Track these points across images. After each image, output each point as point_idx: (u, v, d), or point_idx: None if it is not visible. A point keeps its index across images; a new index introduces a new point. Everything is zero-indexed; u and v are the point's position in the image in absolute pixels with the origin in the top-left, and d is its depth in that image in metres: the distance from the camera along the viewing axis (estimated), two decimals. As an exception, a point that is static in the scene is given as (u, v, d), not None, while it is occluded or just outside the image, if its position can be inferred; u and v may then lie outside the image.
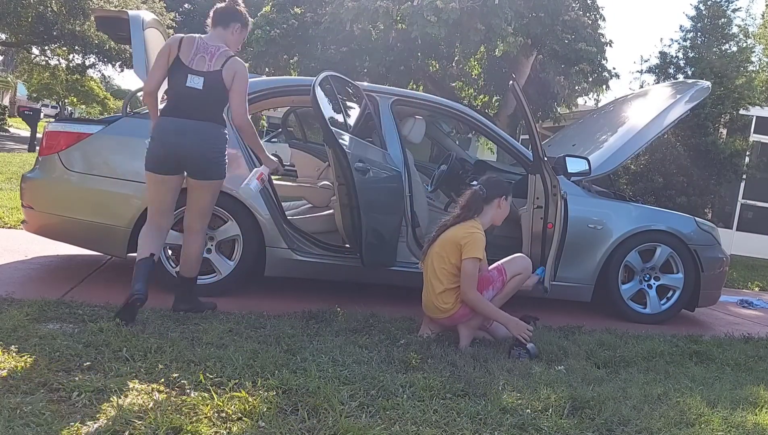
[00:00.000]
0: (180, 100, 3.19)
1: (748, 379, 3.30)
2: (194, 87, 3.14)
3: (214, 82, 3.16)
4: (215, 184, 3.29)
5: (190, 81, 3.15)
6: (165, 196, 3.24)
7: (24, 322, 2.81)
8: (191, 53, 3.17)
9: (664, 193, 9.00)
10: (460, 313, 3.25)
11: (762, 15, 19.25)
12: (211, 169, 3.22)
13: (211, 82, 3.16)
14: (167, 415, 2.05)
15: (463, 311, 3.25)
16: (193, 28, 21.12)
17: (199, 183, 3.24)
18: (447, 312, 3.26)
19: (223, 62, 3.19)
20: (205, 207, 3.32)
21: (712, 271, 4.67)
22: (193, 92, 3.14)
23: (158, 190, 3.24)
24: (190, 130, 3.14)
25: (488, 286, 3.32)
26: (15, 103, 38.94)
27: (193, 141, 3.14)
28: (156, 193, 3.25)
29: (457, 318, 3.27)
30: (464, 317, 3.27)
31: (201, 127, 3.16)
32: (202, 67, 3.17)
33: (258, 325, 3.24)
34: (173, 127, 3.16)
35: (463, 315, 3.26)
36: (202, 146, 3.16)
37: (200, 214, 3.33)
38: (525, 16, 8.62)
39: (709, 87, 5.23)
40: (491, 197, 3.35)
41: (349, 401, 2.32)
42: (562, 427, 2.32)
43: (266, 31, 9.97)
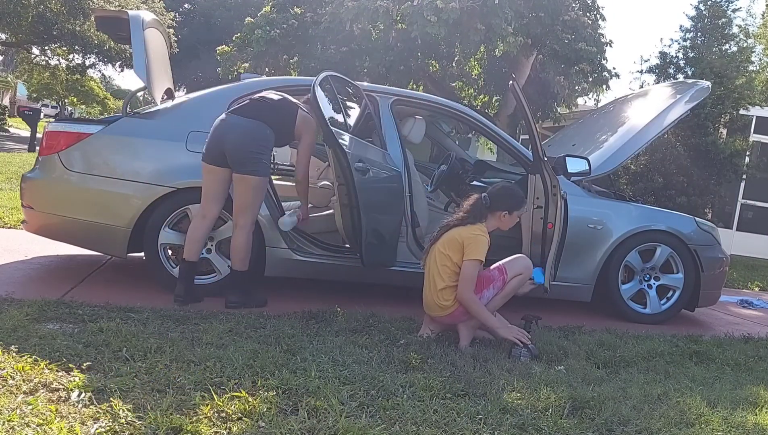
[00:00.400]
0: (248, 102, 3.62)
1: (748, 379, 3.30)
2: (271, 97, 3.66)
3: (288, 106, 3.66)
4: (251, 181, 3.50)
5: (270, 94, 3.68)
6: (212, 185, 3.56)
7: (24, 322, 2.81)
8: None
9: (664, 193, 9.00)
10: (459, 311, 3.25)
11: (762, 15, 19.26)
12: (247, 164, 3.48)
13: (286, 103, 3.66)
14: (167, 415, 2.05)
15: (462, 310, 3.25)
16: (193, 28, 21.05)
17: (237, 176, 3.51)
18: (447, 309, 3.26)
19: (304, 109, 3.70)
20: (243, 201, 3.54)
21: (712, 271, 4.66)
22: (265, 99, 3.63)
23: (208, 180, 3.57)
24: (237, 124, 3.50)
25: (489, 284, 3.31)
26: (15, 103, 38.95)
27: (235, 135, 3.47)
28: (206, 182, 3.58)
29: (456, 316, 3.27)
30: (464, 316, 3.27)
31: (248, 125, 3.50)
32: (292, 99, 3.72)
33: (258, 325, 3.24)
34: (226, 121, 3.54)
35: (462, 313, 3.26)
36: (242, 140, 3.47)
37: (239, 208, 3.56)
38: (525, 15, 8.63)
39: (709, 87, 5.23)
40: (494, 208, 3.33)
41: (349, 401, 2.32)
42: (562, 427, 2.32)
43: (266, 31, 9.98)
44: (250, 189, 3.51)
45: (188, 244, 3.59)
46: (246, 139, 3.48)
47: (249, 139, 3.48)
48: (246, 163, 3.48)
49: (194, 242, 3.59)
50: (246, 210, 3.55)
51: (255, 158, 3.49)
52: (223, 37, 15.80)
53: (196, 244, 3.59)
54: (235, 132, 3.47)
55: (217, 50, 11.59)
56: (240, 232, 3.56)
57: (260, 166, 3.52)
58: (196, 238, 3.59)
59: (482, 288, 3.29)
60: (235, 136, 3.46)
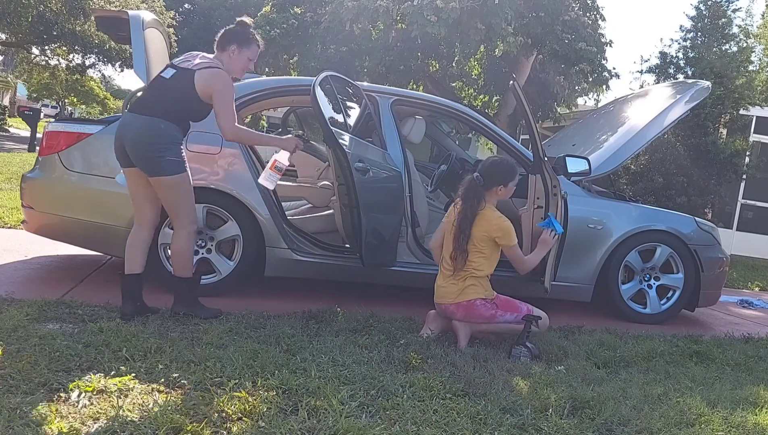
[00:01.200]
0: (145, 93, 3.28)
1: (748, 379, 3.30)
2: (164, 76, 3.20)
3: (182, 79, 3.15)
4: (163, 182, 3.15)
5: (165, 72, 3.22)
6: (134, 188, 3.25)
7: (24, 322, 2.81)
8: (183, 58, 3.29)
9: (664, 193, 9.00)
10: (476, 302, 3.28)
11: (762, 15, 19.26)
12: (150, 165, 3.13)
13: (179, 77, 3.16)
14: (167, 415, 2.05)
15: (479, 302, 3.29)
16: (193, 28, 21.09)
17: (151, 179, 3.17)
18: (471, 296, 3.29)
19: (201, 67, 3.18)
20: (168, 204, 3.23)
21: (712, 271, 4.66)
22: (159, 81, 3.21)
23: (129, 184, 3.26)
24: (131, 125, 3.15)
25: (513, 311, 3.36)
26: (15, 103, 38.95)
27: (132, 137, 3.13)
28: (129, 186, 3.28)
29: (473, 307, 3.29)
30: (477, 310, 3.28)
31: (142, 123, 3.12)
32: (182, 64, 3.22)
33: (258, 325, 3.24)
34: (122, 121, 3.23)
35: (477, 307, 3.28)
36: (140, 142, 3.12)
37: (171, 212, 3.27)
38: (525, 15, 8.63)
39: (709, 87, 5.23)
40: (489, 185, 3.37)
41: (349, 401, 2.32)
42: (562, 427, 2.32)
43: (266, 31, 9.97)
44: (167, 190, 3.17)
45: (127, 254, 3.24)
46: (141, 140, 3.11)
47: (144, 140, 3.10)
48: (150, 165, 3.12)
49: (133, 252, 3.23)
50: (176, 212, 3.24)
51: (157, 158, 3.10)
52: (223, 37, 15.77)
53: (136, 253, 3.23)
54: (130, 134, 3.13)
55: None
56: (177, 235, 3.26)
57: (165, 164, 3.11)
58: (133, 246, 3.24)
59: (507, 310, 3.35)
60: (131, 138, 3.12)
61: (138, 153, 3.13)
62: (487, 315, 3.31)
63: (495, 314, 3.32)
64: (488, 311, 3.31)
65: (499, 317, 3.33)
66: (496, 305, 3.34)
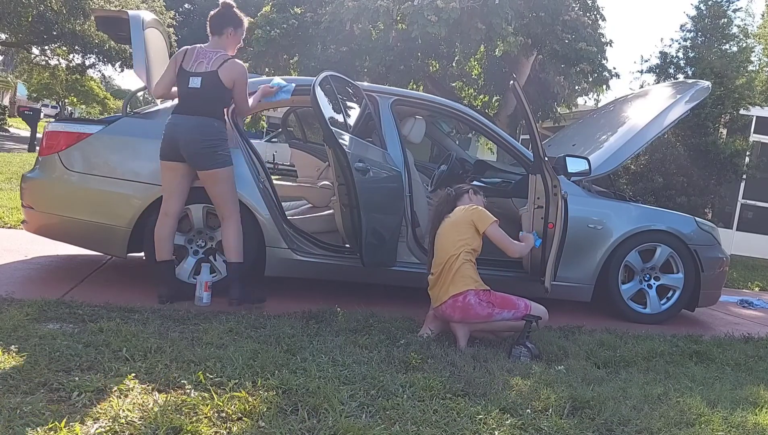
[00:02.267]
0: (184, 100, 3.58)
1: (748, 379, 3.30)
2: (194, 87, 3.52)
3: (210, 82, 3.52)
4: (214, 174, 3.54)
5: (191, 82, 3.53)
6: (171, 181, 3.57)
7: (24, 322, 2.81)
8: (192, 60, 3.57)
9: (664, 193, 9.00)
10: (471, 301, 3.28)
11: (762, 15, 19.26)
12: (205, 160, 3.51)
13: (208, 81, 3.52)
14: (167, 415, 2.05)
15: (474, 301, 3.28)
16: (193, 28, 21.07)
17: (201, 173, 3.56)
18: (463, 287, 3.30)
19: (220, 63, 3.55)
20: (218, 195, 3.59)
21: (712, 271, 4.66)
22: (193, 91, 3.53)
23: (166, 177, 3.59)
24: (188, 124, 3.51)
25: (510, 308, 3.36)
26: (15, 103, 38.94)
27: (189, 134, 3.49)
28: (165, 179, 3.60)
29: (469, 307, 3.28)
30: (473, 309, 3.28)
31: (195, 122, 3.51)
32: (201, 69, 3.55)
33: (258, 325, 3.24)
34: (177, 123, 3.54)
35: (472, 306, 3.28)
36: (197, 138, 3.49)
37: (219, 203, 3.61)
38: (525, 15, 8.63)
39: (709, 87, 5.22)
40: (459, 195, 3.57)
41: (349, 401, 2.32)
42: (562, 427, 2.32)
43: (266, 31, 9.97)
44: (219, 182, 3.56)
45: (157, 244, 3.58)
46: (196, 137, 3.49)
47: (198, 137, 3.49)
48: (205, 160, 3.52)
49: (162, 241, 3.58)
50: (225, 202, 3.61)
51: (212, 152, 3.52)
52: (223, 37, 15.77)
53: (165, 242, 3.59)
54: (184, 132, 3.50)
55: (217, 50, 11.57)
56: (228, 224, 3.62)
57: (218, 157, 3.54)
58: (162, 236, 3.58)
59: (504, 307, 3.35)
60: (185, 136, 3.49)
61: (192, 149, 3.49)
62: (483, 314, 3.30)
63: (492, 313, 3.31)
64: (485, 310, 3.30)
65: (496, 315, 3.32)
66: (492, 304, 3.32)
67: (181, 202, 3.62)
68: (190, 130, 3.49)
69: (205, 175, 3.55)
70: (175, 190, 3.58)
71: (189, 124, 3.51)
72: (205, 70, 3.53)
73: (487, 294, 3.35)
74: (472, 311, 3.29)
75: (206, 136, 3.51)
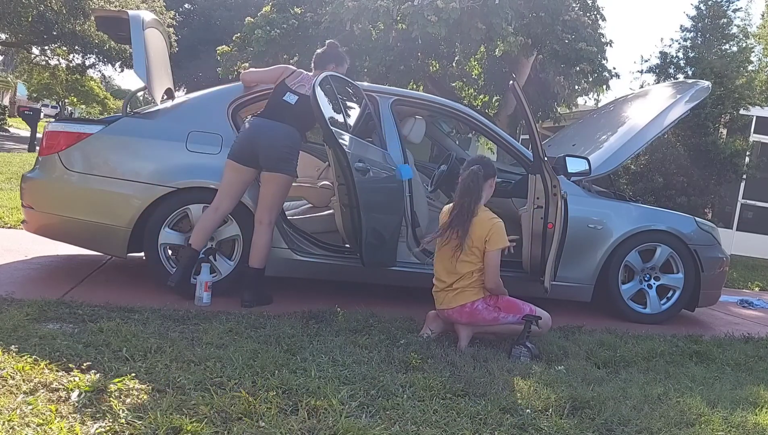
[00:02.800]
0: (273, 107, 3.78)
1: (748, 379, 3.30)
2: (288, 101, 3.76)
3: (305, 104, 3.66)
4: (281, 179, 3.68)
5: (287, 96, 3.77)
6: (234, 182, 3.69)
7: (24, 322, 2.81)
8: (296, 81, 3.84)
9: (664, 193, 9.00)
10: (479, 306, 3.28)
11: (762, 15, 19.27)
12: (280, 164, 3.66)
13: (302, 102, 3.72)
14: (167, 415, 2.05)
15: (476, 308, 3.28)
16: (193, 28, 21.02)
17: (268, 175, 3.67)
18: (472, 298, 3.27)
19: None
20: (269, 198, 3.69)
21: (712, 271, 4.66)
22: (286, 104, 3.76)
23: (230, 177, 3.69)
24: (270, 126, 3.68)
25: (517, 313, 3.34)
26: (15, 103, 38.94)
27: (269, 137, 3.65)
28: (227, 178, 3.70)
29: (476, 312, 3.27)
30: (480, 314, 3.27)
31: (279, 127, 3.67)
32: (301, 90, 3.79)
33: (258, 325, 3.24)
34: (258, 124, 3.72)
35: (480, 311, 3.27)
36: (276, 142, 3.65)
37: (266, 206, 3.70)
38: (525, 15, 8.62)
39: (709, 87, 5.22)
40: (488, 176, 3.42)
41: (349, 401, 2.32)
42: (562, 427, 2.32)
43: (266, 31, 9.96)
44: (279, 187, 3.69)
45: (196, 232, 3.67)
46: (279, 140, 3.65)
47: (281, 141, 3.65)
48: (280, 164, 3.66)
49: (202, 231, 3.68)
50: (272, 208, 3.71)
51: (287, 158, 3.68)
52: (223, 37, 15.80)
53: (204, 233, 3.68)
54: (269, 133, 3.66)
55: (217, 50, 11.58)
56: (265, 230, 3.70)
57: (290, 165, 3.71)
58: (204, 227, 3.68)
59: (510, 311, 3.34)
60: (269, 137, 3.65)
61: (271, 152, 3.64)
62: (490, 318, 3.31)
63: (498, 317, 3.32)
64: (491, 314, 3.31)
65: (502, 319, 3.33)
66: (498, 308, 3.33)
67: (234, 204, 3.73)
68: (274, 133, 3.65)
69: (269, 176, 3.66)
70: (234, 193, 3.71)
71: (274, 127, 3.66)
72: (304, 93, 3.73)
73: (494, 299, 3.35)
74: (480, 316, 3.30)
75: (287, 143, 3.68)
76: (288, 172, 3.71)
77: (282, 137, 3.67)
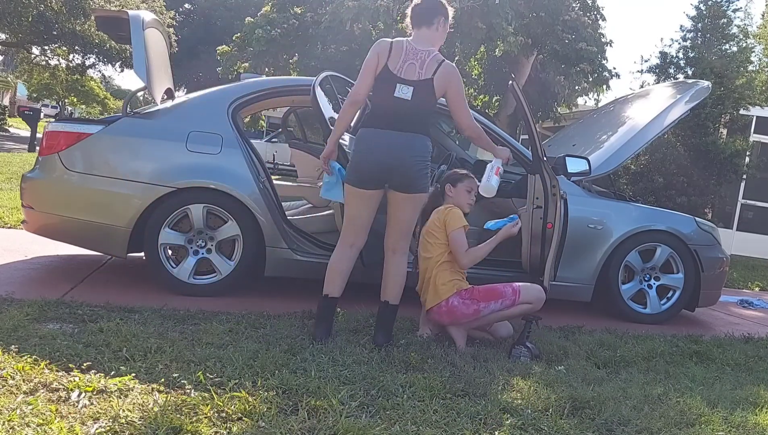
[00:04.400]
0: (387, 111, 3.02)
1: (748, 379, 3.30)
2: (403, 97, 2.97)
3: (424, 92, 2.99)
4: (420, 198, 3.13)
5: (398, 91, 2.98)
6: (363, 211, 3.11)
7: (24, 322, 2.81)
8: (400, 60, 2.99)
9: (664, 193, 9.00)
10: (454, 303, 3.24)
11: (762, 15, 19.27)
12: (418, 182, 3.04)
13: (420, 91, 2.99)
14: (167, 415, 2.05)
15: (455, 306, 3.24)
16: (193, 28, 21.07)
17: (404, 196, 3.06)
18: (445, 294, 3.24)
19: (434, 69, 3.01)
20: (406, 222, 3.13)
21: (712, 271, 4.66)
22: (400, 102, 2.98)
23: (357, 206, 3.10)
24: (398, 143, 2.99)
25: (498, 298, 3.28)
26: (15, 103, 38.94)
27: (401, 154, 2.99)
28: (355, 208, 3.11)
29: (453, 309, 3.25)
30: (458, 310, 3.24)
31: (409, 140, 3.00)
32: (412, 75, 2.99)
33: (258, 325, 3.24)
34: (381, 141, 3.01)
35: (457, 307, 3.24)
36: (410, 159, 3.00)
37: (404, 232, 3.15)
38: (525, 15, 8.63)
39: (709, 87, 5.22)
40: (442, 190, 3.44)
41: (349, 401, 2.32)
42: (562, 427, 2.32)
43: (266, 31, 9.98)
44: (417, 208, 3.15)
45: (330, 276, 3.11)
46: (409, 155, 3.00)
47: (413, 156, 3.01)
48: (413, 183, 3.03)
49: (338, 275, 3.11)
50: (409, 232, 3.17)
51: (424, 174, 3.05)
52: (223, 37, 15.82)
53: (341, 276, 3.12)
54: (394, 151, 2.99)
55: (217, 50, 11.60)
56: (400, 260, 3.14)
57: (426, 181, 3.10)
58: (340, 269, 3.12)
59: (490, 299, 3.27)
60: (397, 156, 2.99)
61: (404, 171, 3.00)
62: (470, 312, 3.25)
63: (478, 309, 3.26)
64: (470, 308, 3.25)
65: (483, 310, 3.26)
66: (476, 299, 3.26)
67: (367, 232, 3.16)
68: (401, 149, 2.98)
69: (404, 197, 3.05)
70: (366, 222, 3.12)
71: (398, 143, 2.98)
72: (418, 78, 2.97)
73: (469, 291, 3.28)
74: (459, 312, 3.26)
75: (420, 156, 3.01)
76: (424, 189, 3.10)
77: (411, 151, 2.99)
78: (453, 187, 3.41)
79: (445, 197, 3.41)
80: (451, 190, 3.41)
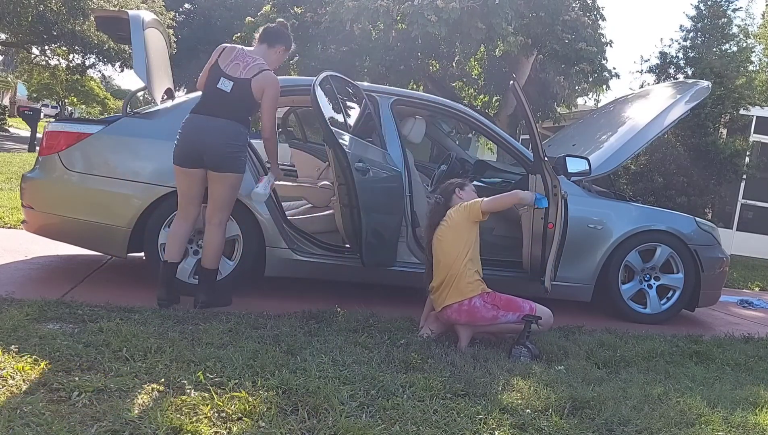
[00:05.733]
0: (210, 99, 3.48)
1: (748, 379, 3.30)
2: (223, 89, 3.43)
3: (241, 89, 3.43)
4: (231, 178, 3.47)
5: (221, 83, 3.44)
6: (188, 187, 3.48)
7: (24, 322, 2.81)
8: (228, 60, 3.48)
9: (664, 193, 9.00)
10: (476, 304, 3.27)
11: (762, 15, 19.27)
12: (229, 163, 3.42)
13: (238, 88, 3.43)
14: (167, 415, 2.05)
15: (473, 307, 3.26)
16: (193, 28, 21.06)
17: (217, 175, 3.43)
18: (469, 293, 3.27)
19: (255, 73, 3.45)
20: (220, 199, 3.49)
21: (712, 271, 4.66)
22: (221, 93, 3.44)
23: (182, 182, 3.48)
24: (212, 127, 3.40)
25: (515, 310, 3.33)
26: (15, 103, 38.93)
27: (213, 137, 3.38)
28: (181, 184, 3.50)
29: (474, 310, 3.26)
30: (479, 312, 3.26)
31: (222, 125, 3.41)
32: (235, 73, 3.46)
33: (258, 325, 3.24)
34: (199, 125, 3.42)
35: (478, 309, 3.26)
36: (222, 142, 3.39)
37: (218, 207, 3.51)
38: (525, 15, 8.63)
39: (709, 87, 5.22)
40: (448, 198, 3.50)
41: (349, 401, 2.32)
42: (562, 427, 2.32)
43: (266, 31, 9.95)
44: (228, 186, 3.48)
45: (170, 244, 3.53)
46: (221, 140, 3.40)
47: (224, 140, 3.40)
48: (226, 162, 3.42)
49: (176, 242, 3.53)
50: (223, 208, 3.54)
51: (235, 157, 3.44)
52: (223, 37, 15.78)
53: (178, 242, 3.54)
54: (208, 134, 3.39)
55: (218, 50, 11.58)
56: (217, 230, 3.54)
57: (239, 163, 3.48)
58: (177, 234, 3.53)
59: (509, 310, 3.33)
60: (210, 138, 3.38)
61: (216, 152, 3.39)
62: (489, 317, 3.30)
63: (497, 315, 3.31)
64: (490, 313, 3.30)
65: (501, 318, 3.32)
66: (497, 306, 3.32)
67: (199, 206, 3.56)
68: (214, 134, 3.39)
69: (217, 177, 3.45)
70: (194, 197, 3.50)
71: (215, 126, 3.40)
72: (239, 77, 3.44)
73: (491, 296, 3.34)
74: (478, 314, 3.29)
75: (232, 141, 3.42)
76: (236, 170, 3.47)
77: (224, 136, 3.40)
78: (462, 190, 3.53)
79: (454, 200, 3.49)
80: (461, 193, 3.51)
